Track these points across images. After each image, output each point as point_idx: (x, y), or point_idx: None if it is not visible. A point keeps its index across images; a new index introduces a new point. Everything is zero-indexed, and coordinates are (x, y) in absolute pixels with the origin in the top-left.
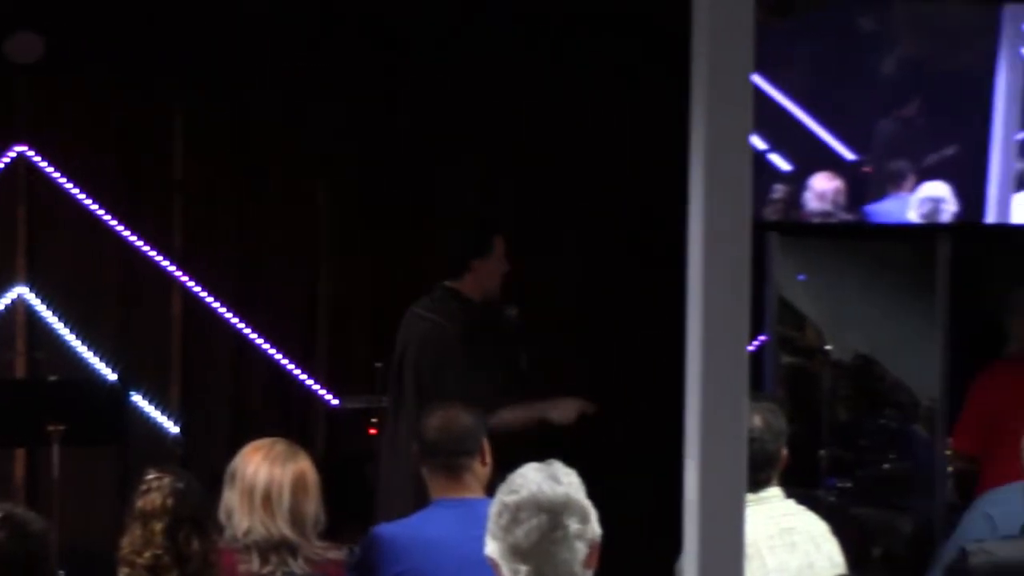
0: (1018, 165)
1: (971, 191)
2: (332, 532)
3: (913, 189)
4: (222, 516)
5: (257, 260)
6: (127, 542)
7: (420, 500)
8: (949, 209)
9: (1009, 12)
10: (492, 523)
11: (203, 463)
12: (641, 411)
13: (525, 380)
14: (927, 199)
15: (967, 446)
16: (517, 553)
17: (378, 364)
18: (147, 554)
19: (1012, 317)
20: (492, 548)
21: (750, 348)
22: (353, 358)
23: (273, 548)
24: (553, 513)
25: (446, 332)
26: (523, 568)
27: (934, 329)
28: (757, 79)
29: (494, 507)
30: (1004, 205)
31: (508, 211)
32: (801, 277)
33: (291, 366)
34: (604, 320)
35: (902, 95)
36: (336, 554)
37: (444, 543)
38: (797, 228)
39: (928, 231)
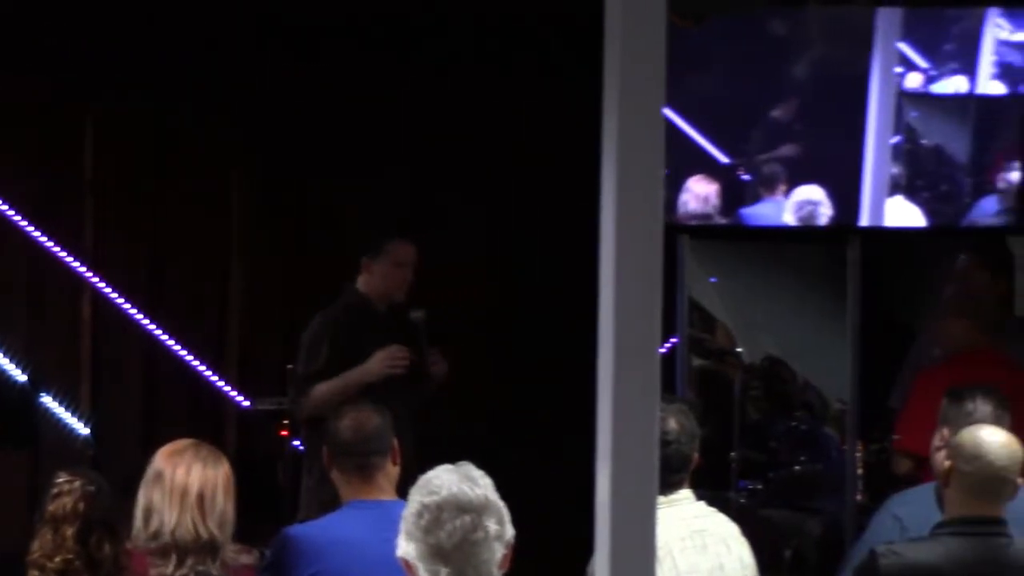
0: (893, 169)
1: (845, 195)
2: (242, 534)
3: (788, 193)
4: (138, 517)
5: (167, 261)
6: (37, 546)
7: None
8: (825, 212)
9: (883, 15)
10: (410, 524)
11: (114, 465)
12: (553, 413)
13: (431, 380)
14: (802, 202)
15: (912, 445)
16: (439, 554)
17: (289, 366)
18: (58, 559)
19: (944, 318)
20: (408, 549)
21: (661, 350)
22: (264, 360)
23: (196, 550)
24: (474, 514)
25: (324, 325)
26: (444, 570)
27: (844, 331)
28: None
29: (411, 508)
30: (878, 209)
31: (423, 214)
32: (712, 280)
33: (202, 367)
34: (519, 323)
35: (777, 99)
36: (248, 558)
37: (357, 544)
38: (709, 231)
39: (838, 233)
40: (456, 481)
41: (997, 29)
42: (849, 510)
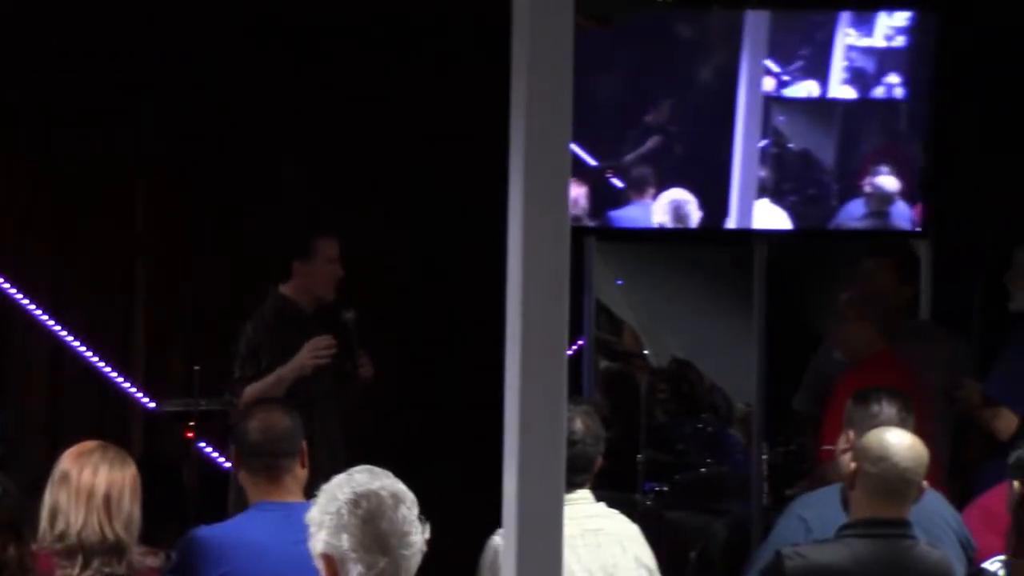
0: (760, 172)
1: (714, 198)
2: (147, 536)
3: (656, 196)
4: (44, 518)
5: (72, 261)
6: None
7: None
8: (694, 215)
9: (751, 19)
10: (342, 517)
11: (19, 466)
12: (464, 414)
13: (358, 382)
14: (671, 205)
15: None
16: (378, 544)
17: (196, 367)
18: None
19: (844, 322)
20: (339, 542)
21: (568, 352)
22: (170, 361)
23: (102, 551)
24: (405, 505)
25: (257, 332)
26: (383, 559)
27: (751, 333)
28: None
29: (340, 500)
30: (746, 212)
31: (336, 213)
32: (619, 282)
33: (108, 369)
34: (437, 323)
35: (646, 102)
36: (154, 560)
37: (264, 546)
38: (616, 234)
39: (745, 236)
40: (379, 475)
41: (847, 34)
42: (755, 512)
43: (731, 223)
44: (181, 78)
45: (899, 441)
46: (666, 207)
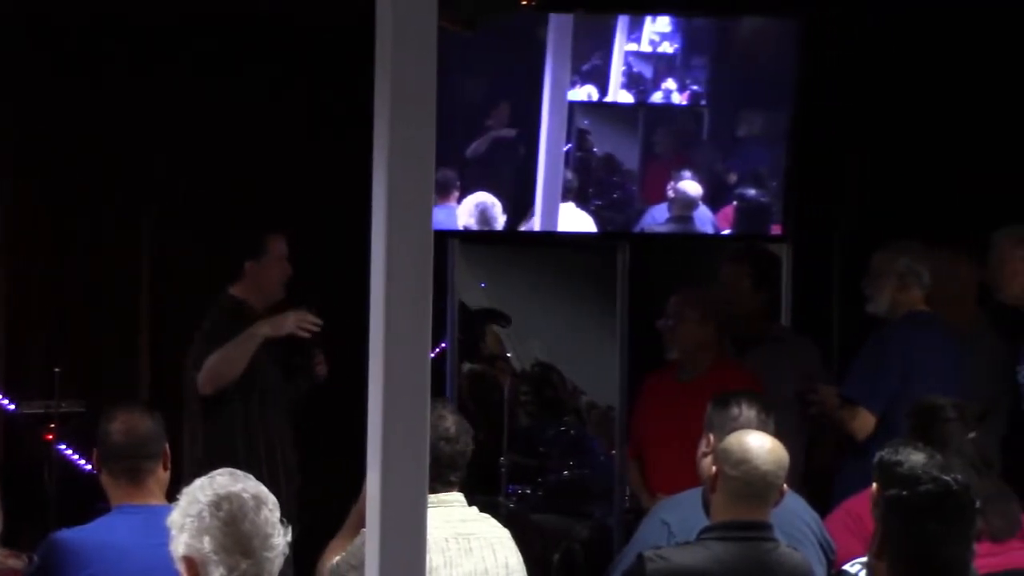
0: (566, 176)
1: (519, 200)
2: (8, 539)
3: (460, 199)
4: None
5: None
6: None
7: None
8: (500, 217)
9: (555, 22)
10: (204, 519)
11: None
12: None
13: (312, 380)
14: (477, 208)
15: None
16: (240, 546)
17: (57, 369)
18: None
19: (683, 322)
20: (200, 544)
21: (431, 355)
22: (31, 362)
23: None
24: (267, 508)
25: (199, 337)
26: (245, 562)
27: (614, 337)
28: None
29: (202, 502)
30: (551, 214)
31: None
32: (482, 285)
33: None
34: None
35: (450, 106)
36: (16, 562)
37: (125, 549)
38: (479, 236)
39: (607, 240)
40: (240, 478)
41: (624, 40)
42: (617, 515)
43: (535, 226)
44: (40, 75)
45: (760, 444)
46: (472, 210)
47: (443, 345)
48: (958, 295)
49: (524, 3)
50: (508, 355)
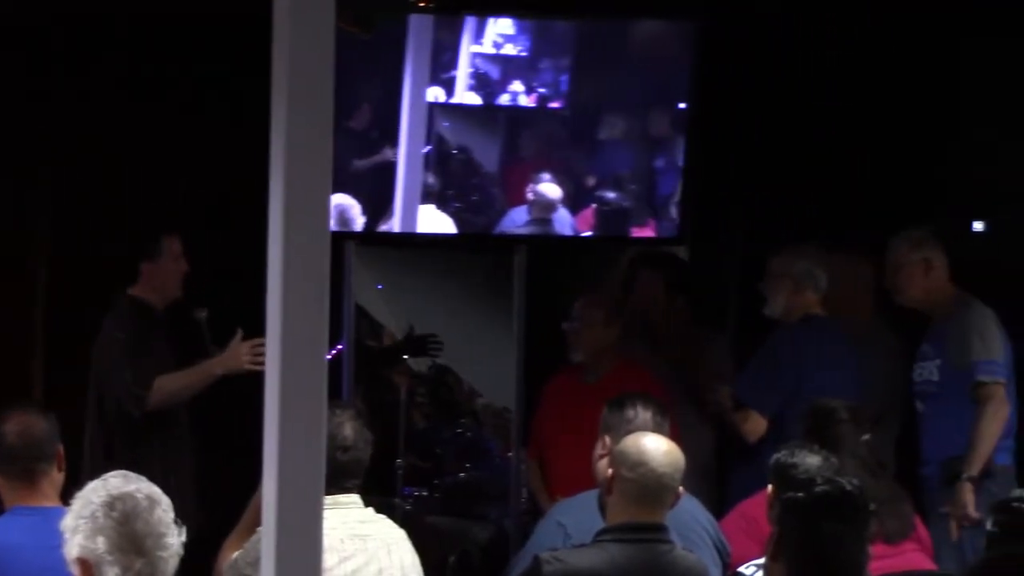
0: (426, 178)
1: (378, 202)
2: None
3: None
4: None
5: None
6: None
7: None
8: (358, 219)
9: (415, 23)
10: (98, 519)
11: None
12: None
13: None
14: (335, 211)
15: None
16: (134, 545)
17: None
18: None
19: (588, 326)
20: (95, 545)
21: (328, 356)
22: None
23: None
24: (160, 508)
25: (113, 342)
26: (139, 561)
27: (510, 339)
28: None
29: (95, 503)
30: (410, 216)
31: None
32: (379, 287)
33: None
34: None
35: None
36: None
37: (20, 552)
38: (376, 238)
39: (504, 242)
40: (133, 479)
41: (470, 41)
42: (513, 517)
43: (396, 227)
44: None
45: (656, 447)
46: (331, 211)
47: (340, 347)
48: (855, 298)
49: (422, 4)
50: (404, 357)
